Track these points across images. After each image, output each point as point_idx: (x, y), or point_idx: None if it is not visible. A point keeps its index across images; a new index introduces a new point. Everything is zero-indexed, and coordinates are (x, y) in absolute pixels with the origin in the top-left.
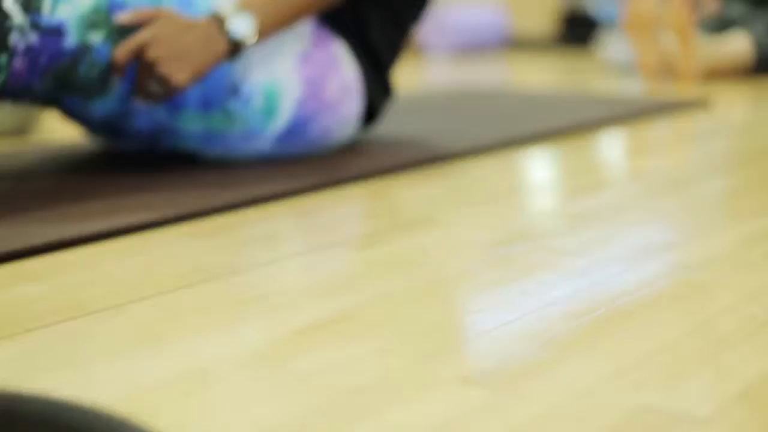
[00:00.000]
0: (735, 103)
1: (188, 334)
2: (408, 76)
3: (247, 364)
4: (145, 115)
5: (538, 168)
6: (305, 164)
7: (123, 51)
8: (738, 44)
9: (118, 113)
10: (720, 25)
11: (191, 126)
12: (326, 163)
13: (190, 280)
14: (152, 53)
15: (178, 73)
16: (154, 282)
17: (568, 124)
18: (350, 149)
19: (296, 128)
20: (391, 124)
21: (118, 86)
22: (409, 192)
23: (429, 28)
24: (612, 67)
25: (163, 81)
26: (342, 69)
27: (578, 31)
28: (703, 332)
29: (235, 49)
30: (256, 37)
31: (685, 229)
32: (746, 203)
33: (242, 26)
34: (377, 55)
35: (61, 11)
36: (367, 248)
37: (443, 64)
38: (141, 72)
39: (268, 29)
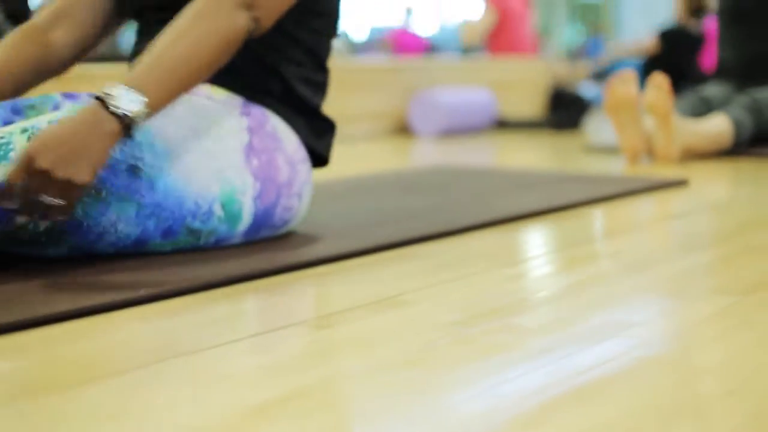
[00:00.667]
0: (713, 183)
1: (150, 411)
2: (396, 156)
3: None
4: (109, 246)
5: (512, 247)
6: (276, 244)
7: (14, 172)
8: (717, 125)
9: (75, 254)
10: (700, 106)
11: (159, 249)
12: (300, 242)
13: (151, 358)
14: (43, 163)
15: (78, 172)
16: (117, 360)
17: (547, 204)
18: (326, 228)
19: (261, 220)
20: (373, 202)
21: (71, 237)
22: (379, 271)
23: (417, 111)
24: (596, 148)
25: (66, 186)
26: (284, 143)
27: (566, 112)
28: (658, 409)
29: (127, 126)
30: (147, 110)
31: (647, 308)
32: (711, 282)
33: (128, 101)
34: (307, 103)
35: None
36: (328, 327)
37: (431, 145)
38: (35, 187)
39: (159, 101)
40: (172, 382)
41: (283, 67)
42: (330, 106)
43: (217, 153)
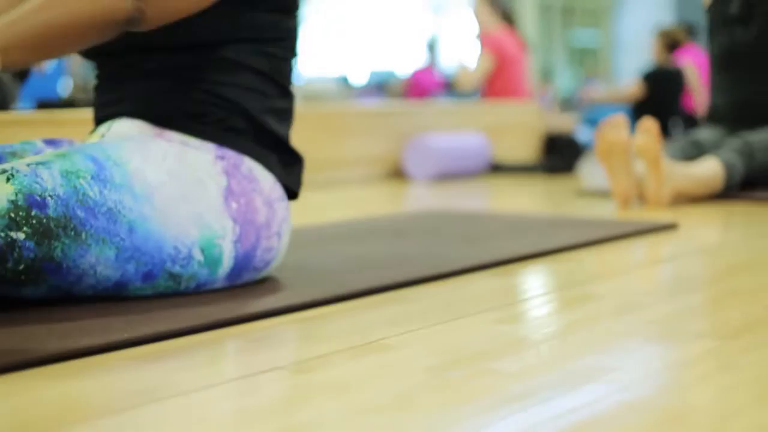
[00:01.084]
0: (703, 226)
1: None
2: (389, 200)
3: None
4: (89, 288)
5: (499, 291)
6: (260, 288)
7: None
8: (709, 168)
9: (53, 295)
10: (691, 149)
11: (140, 293)
12: (284, 287)
13: (130, 403)
14: None
15: None
16: (95, 405)
17: (536, 248)
18: (312, 272)
19: (242, 264)
20: (363, 246)
21: (50, 278)
22: (363, 316)
23: (411, 156)
24: (590, 192)
25: None
26: (261, 183)
27: (560, 157)
28: None
29: None
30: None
31: (630, 352)
32: (695, 325)
33: None
34: (276, 136)
35: None
36: (308, 372)
37: (425, 189)
38: None
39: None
40: (151, 427)
41: (247, 102)
42: (324, 151)
43: (195, 197)
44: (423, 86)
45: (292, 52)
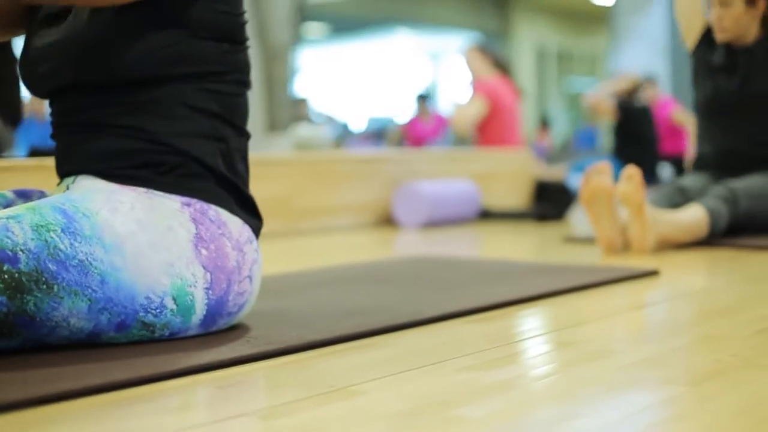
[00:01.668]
0: (684, 273)
1: None
2: (378, 247)
3: None
4: (63, 339)
5: (472, 338)
6: (233, 334)
7: None
8: (693, 215)
9: (27, 346)
10: (677, 196)
11: (114, 341)
12: (259, 333)
13: None
14: None
15: None
16: None
17: (514, 295)
18: (290, 319)
19: (215, 310)
20: (344, 293)
21: (23, 331)
22: (336, 362)
23: (400, 203)
24: (580, 239)
25: None
26: (229, 227)
27: (551, 204)
28: None
29: None
30: None
31: (592, 399)
32: (661, 372)
33: None
34: (238, 177)
35: None
36: (276, 418)
37: (414, 236)
38: None
39: None
40: None
41: (201, 150)
42: (314, 198)
43: (165, 246)
44: (417, 134)
45: (244, 87)
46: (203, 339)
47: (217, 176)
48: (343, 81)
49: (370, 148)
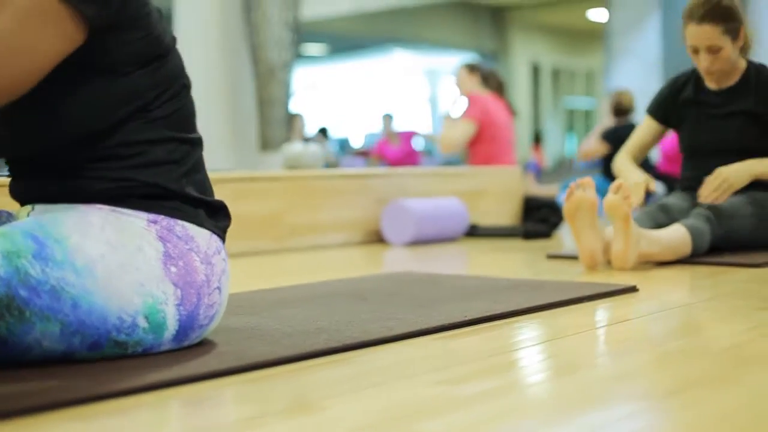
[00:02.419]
0: (664, 289)
1: None
2: (365, 264)
3: None
4: (36, 359)
5: (442, 354)
6: (205, 349)
7: None
8: (676, 234)
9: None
10: (660, 215)
11: (87, 359)
12: (231, 349)
13: None
14: None
15: None
16: None
17: (489, 311)
18: (263, 334)
19: (186, 324)
20: (320, 309)
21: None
22: (303, 378)
23: (388, 220)
24: (560, 255)
25: None
26: (197, 241)
27: (540, 221)
28: None
29: None
30: None
31: (559, 413)
32: (631, 386)
33: None
34: (201, 192)
35: None
36: None
37: (401, 253)
38: None
39: None
40: None
41: (160, 177)
42: (305, 216)
43: (136, 266)
44: (389, 156)
45: (184, 89)
46: (174, 354)
47: (182, 197)
48: (342, 98)
49: (361, 165)
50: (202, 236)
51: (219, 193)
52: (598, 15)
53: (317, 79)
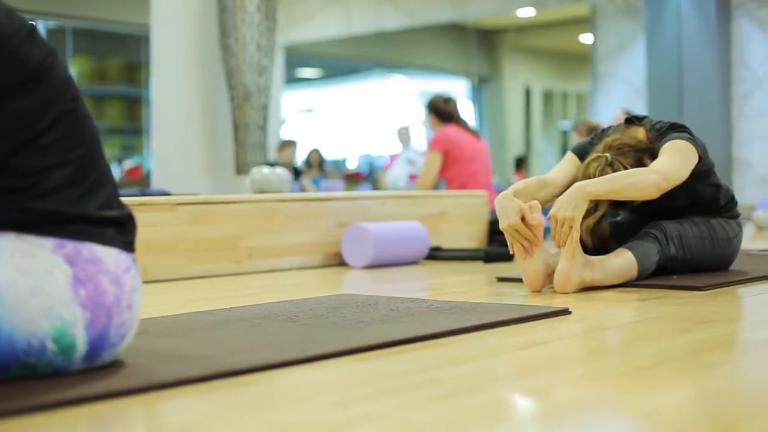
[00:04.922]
0: (600, 312)
1: None
2: (320, 286)
3: None
4: None
5: (353, 375)
6: (115, 370)
7: None
8: (622, 258)
9: None
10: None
11: None
12: (139, 369)
13: None
14: None
15: None
16: None
17: (414, 332)
18: (178, 355)
19: (97, 344)
20: (246, 330)
21: None
22: (209, 397)
23: (348, 243)
24: (510, 278)
25: None
26: (105, 262)
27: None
28: None
29: None
30: None
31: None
32: (524, 408)
33: None
34: (104, 210)
35: None
36: None
37: (359, 275)
38: None
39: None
40: None
41: (58, 204)
42: (264, 238)
43: (45, 290)
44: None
45: (73, 102)
46: (82, 374)
47: (84, 219)
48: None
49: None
50: (110, 256)
51: (177, 216)
52: (589, 39)
53: (312, 102)
